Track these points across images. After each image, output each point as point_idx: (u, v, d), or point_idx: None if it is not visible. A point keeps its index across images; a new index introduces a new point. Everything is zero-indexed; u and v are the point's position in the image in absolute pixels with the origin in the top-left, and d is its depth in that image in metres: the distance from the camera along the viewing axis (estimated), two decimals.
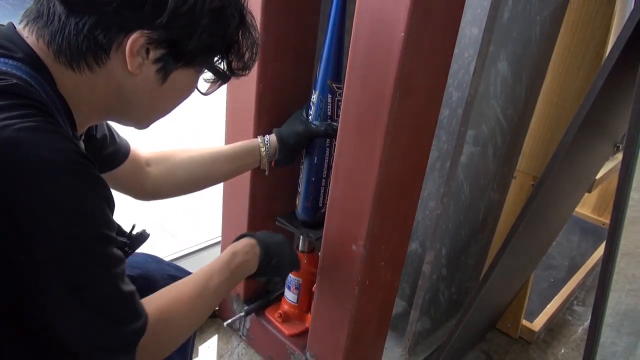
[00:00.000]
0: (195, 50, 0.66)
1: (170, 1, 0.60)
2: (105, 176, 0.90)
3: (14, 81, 0.54)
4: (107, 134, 0.87)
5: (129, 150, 0.94)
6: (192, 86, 0.73)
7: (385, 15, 0.84)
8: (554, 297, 1.88)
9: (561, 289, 1.94)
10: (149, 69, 0.65)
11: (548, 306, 1.82)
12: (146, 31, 0.61)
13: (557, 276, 2.07)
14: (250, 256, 0.92)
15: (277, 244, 0.98)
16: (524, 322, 1.70)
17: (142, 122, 0.75)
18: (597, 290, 0.98)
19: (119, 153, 0.91)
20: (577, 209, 2.61)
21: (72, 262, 0.55)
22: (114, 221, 0.62)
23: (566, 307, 1.93)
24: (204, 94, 0.77)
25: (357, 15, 0.88)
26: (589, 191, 1.43)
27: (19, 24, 0.63)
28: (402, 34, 0.82)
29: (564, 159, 0.95)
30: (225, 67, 0.73)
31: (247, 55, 0.74)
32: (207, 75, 0.74)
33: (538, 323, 1.72)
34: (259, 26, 0.92)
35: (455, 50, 1.25)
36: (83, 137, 0.75)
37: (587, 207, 2.62)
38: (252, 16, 0.73)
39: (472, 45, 1.22)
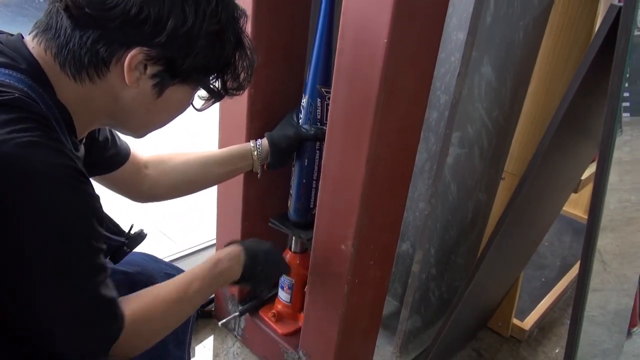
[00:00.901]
0: (191, 69, 0.69)
1: (169, 22, 0.63)
2: (105, 178, 0.95)
3: (16, 95, 0.58)
4: (109, 137, 0.92)
5: (129, 153, 0.98)
6: (186, 102, 0.77)
7: (368, 22, 0.87)
8: (545, 296, 1.91)
9: (552, 288, 1.97)
10: (146, 84, 0.68)
11: (539, 305, 1.85)
12: (145, 48, 0.64)
13: (549, 276, 2.10)
14: (234, 263, 0.94)
15: (263, 252, 1.00)
16: (515, 320, 1.73)
17: (138, 132, 0.79)
18: (576, 290, 1.01)
19: (119, 155, 0.95)
20: (569, 210, 2.63)
21: (59, 268, 0.60)
22: (101, 233, 0.66)
23: (558, 306, 1.96)
24: (198, 110, 0.80)
25: (342, 22, 0.91)
26: (575, 191, 1.46)
27: (29, 34, 0.67)
28: (385, 41, 0.85)
29: (543, 159, 0.98)
30: (220, 86, 0.77)
31: (242, 77, 0.77)
32: (202, 92, 0.77)
33: (529, 322, 1.75)
34: (249, 32, 0.94)
35: (442, 55, 1.29)
36: (84, 140, 0.79)
37: (579, 208, 2.65)
38: (250, 39, 0.77)
39: (459, 49, 1.25)
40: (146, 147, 1.04)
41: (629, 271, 1.09)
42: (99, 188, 0.98)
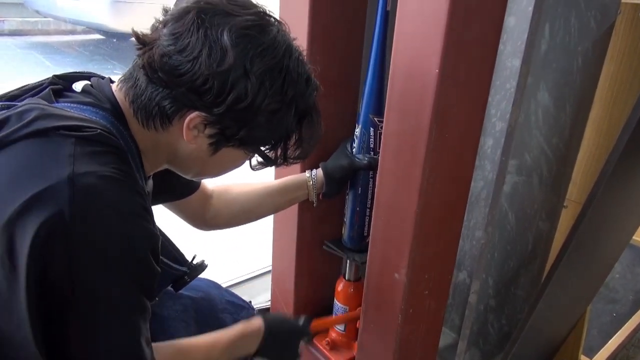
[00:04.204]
0: (245, 138, 0.73)
1: (230, 96, 0.68)
2: (175, 204, 1.02)
3: (99, 130, 0.64)
4: None
5: (200, 182, 1.05)
6: (239, 162, 0.82)
7: (420, 53, 0.88)
8: (616, 332, 1.79)
9: (624, 324, 1.85)
10: (203, 141, 0.74)
11: (610, 342, 1.74)
12: (203, 114, 0.70)
13: (620, 311, 1.97)
14: (253, 338, 0.98)
15: (284, 332, 1.04)
16: (583, 358, 1.63)
17: (194, 178, 0.86)
18: None
19: (192, 184, 1.03)
20: None
21: (105, 300, 0.62)
22: (156, 270, 0.68)
23: (631, 343, 1.83)
24: (252, 169, 0.83)
25: (394, 53, 0.93)
26: None
27: (117, 79, 0.75)
28: (437, 70, 0.86)
29: (606, 187, 0.94)
30: (281, 153, 0.80)
31: (304, 147, 0.82)
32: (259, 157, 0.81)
33: (598, 359, 1.65)
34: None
35: (497, 82, 1.28)
36: (152, 174, 0.85)
37: None
38: (318, 112, 0.80)
39: (514, 76, 1.23)
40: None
41: None
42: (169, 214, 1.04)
